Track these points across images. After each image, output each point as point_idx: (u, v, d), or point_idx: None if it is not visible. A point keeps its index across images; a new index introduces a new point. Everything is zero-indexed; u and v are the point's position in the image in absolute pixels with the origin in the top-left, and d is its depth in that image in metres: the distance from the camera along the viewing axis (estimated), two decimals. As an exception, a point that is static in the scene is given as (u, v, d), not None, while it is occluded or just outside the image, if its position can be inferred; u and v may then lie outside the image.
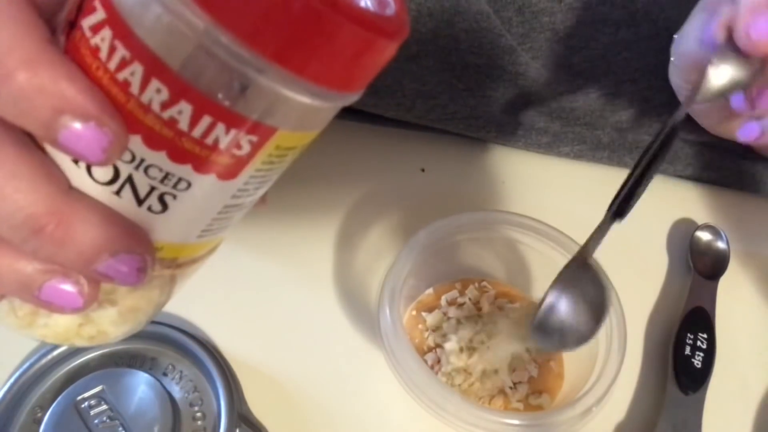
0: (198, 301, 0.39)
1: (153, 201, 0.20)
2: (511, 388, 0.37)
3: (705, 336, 0.40)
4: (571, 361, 0.38)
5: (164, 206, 0.20)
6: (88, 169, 0.19)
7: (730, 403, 0.40)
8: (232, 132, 0.19)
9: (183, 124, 0.18)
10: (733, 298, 0.44)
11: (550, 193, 0.48)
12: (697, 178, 0.51)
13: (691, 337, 0.40)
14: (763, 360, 0.42)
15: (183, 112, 0.18)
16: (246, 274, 0.41)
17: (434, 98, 0.46)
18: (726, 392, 0.40)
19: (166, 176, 0.19)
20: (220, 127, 0.18)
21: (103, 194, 0.20)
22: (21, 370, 0.34)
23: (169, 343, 0.36)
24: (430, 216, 0.38)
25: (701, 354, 0.39)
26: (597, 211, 0.47)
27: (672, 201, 0.49)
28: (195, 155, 0.19)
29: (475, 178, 0.48)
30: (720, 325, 0.41)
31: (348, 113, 0.48)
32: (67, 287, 0.19)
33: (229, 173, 0.20)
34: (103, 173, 0.19)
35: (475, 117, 0.47)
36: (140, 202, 0.20)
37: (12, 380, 0.34)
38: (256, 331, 0.39)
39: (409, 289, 0.38)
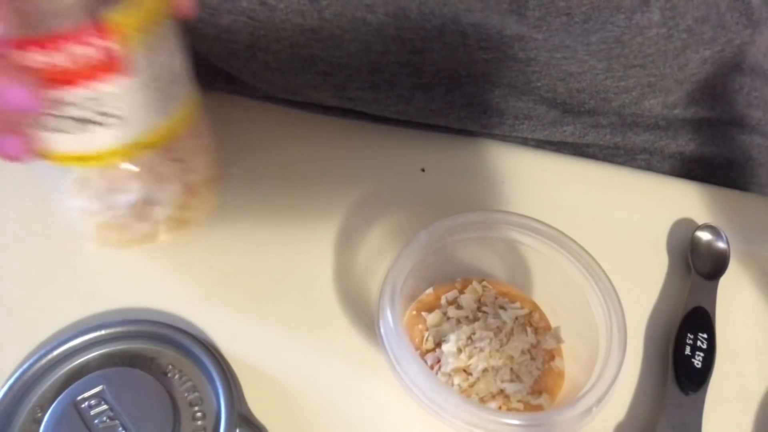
0: (198, 301, 0.39)
1: (105, 119, 0.28)
2: (511, 388, 0.36)
3: (705, 336, 0.40)
4: (572, 361, 0.38)
5: (116, 116, 0.28)
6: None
7: (730, 403, 0.40)
8: (79, 48, 0.25)
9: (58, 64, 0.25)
10: (733, 298, 0.44)
11: (550, 193, 0.48)
12: (699, 155, 0.52)
13: (691, 337, 0.40)
14: (763, 360, 0.42)
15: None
16: (246, 273, 0.41)
17: (432, 89, 0.46)
18: (726, 392, 0.40)
19: (92, 99, 0.27)
20: (74, 50, 0.25)
21: (71, 140, 0.28)
22: (21, 370, 0.34)
23: (169, 343, 0.36)
24: (430, 216, 0.38)
25: (701, 354, 0.39)
26: (597, 210, 0.48)
27: (672, 201, 0.49)
28: (89, 75, 0.26)
29: (475, 178, 0.48)
30: (720, 325, 0.41)
31: (349, 113, 0.48)
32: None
33: (115, 68, 0.26)
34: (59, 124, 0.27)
35: (475, 104, 0.47)
36: (100, 123, 0.27)
37: (12, 380, 0.34)
38: (256, 331, 0.39)
39: (409, 289, 0.38)
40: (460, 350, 0.37)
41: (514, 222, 0.39)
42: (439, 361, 0.37)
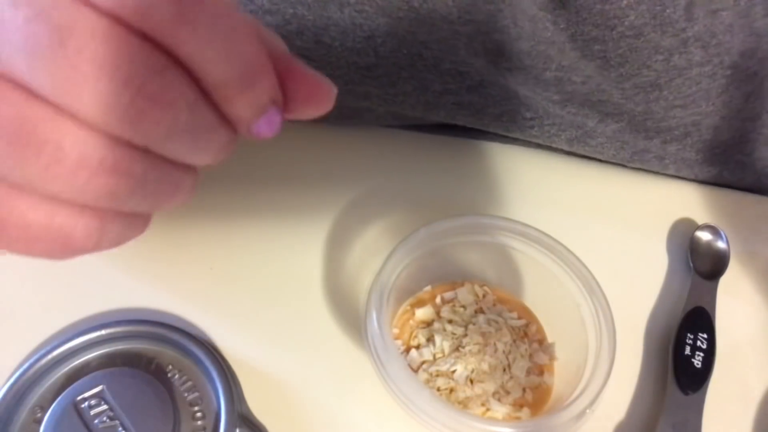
0: (198, 301, 0.39)
1: None
2: (494, 397, 0.36)
3: (705, 336, 0.40)
4: (559, 377, 0.38)
5: None
6: None
7: (730, 403, 0.40)
8: None
9: None
10: (733, 298, 0.44)
11: (550, 193, 0.48)
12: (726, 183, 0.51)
13: (691, 337, 0.40)
14: (763, 360, 0.42)
15: None
16: (246, 274, 0.41)
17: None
18: (726, 392, 0.40)
19: None
20: None
21: None
22: (21, 370, 0.34)
23: (169, 343, 0.36)
24: (430, 216, 0.38)
25: (701, 354, 0.39)
26: (597, 210, 0.48)
27: (672, 201, 0.49)
28: None
29: (474, 179, 0.48)
30: (720, 325, 0.41)
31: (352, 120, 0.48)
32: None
33: None
34: None
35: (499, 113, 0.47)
36: None
37: (12, 380, 0.34)
38: (256, 331, 0.39)
39: (409, 283, 0.38)
40: (444, 353, 0.37)
41: (508, 228, 0.38)
42: (425, 360, 0.37)
